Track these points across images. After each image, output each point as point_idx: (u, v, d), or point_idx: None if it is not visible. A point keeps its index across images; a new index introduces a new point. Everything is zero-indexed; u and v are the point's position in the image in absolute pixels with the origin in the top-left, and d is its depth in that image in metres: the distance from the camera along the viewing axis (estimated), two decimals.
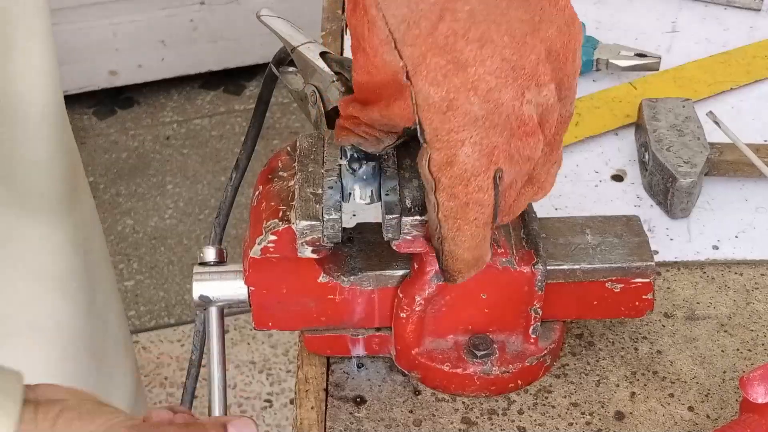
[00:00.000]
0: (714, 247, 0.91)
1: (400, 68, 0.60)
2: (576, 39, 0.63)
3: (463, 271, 0.67)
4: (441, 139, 0.61)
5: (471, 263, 0.67)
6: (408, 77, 0.60)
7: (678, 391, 0.79)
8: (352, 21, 0.62)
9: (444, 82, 0.59)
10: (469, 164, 0.61)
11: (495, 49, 0.59)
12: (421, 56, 0.59)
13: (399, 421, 0.78)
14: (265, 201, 0.74)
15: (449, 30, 0.58)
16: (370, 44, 0.60)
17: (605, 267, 0.77)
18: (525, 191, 0.68)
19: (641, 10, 1.18)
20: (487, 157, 0.61)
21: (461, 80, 0.59)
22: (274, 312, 0.76)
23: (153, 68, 2.62)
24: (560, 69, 0.63)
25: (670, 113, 0.97)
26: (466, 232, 0.64)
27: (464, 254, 0.66)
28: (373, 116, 0.64)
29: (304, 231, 0.70)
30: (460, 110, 0.60)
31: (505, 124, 0.60)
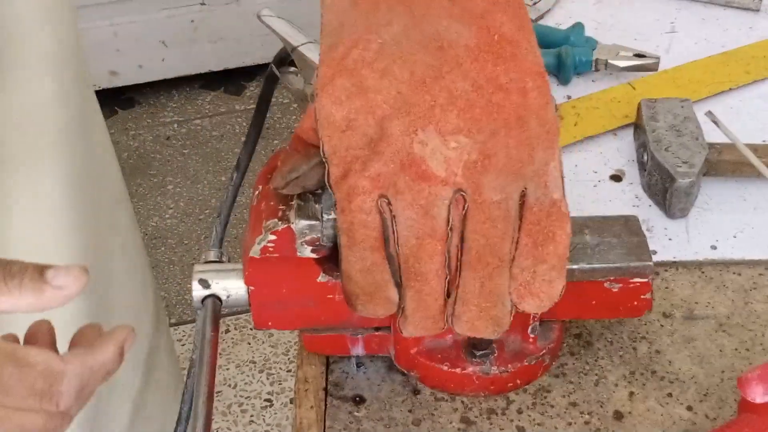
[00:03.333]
0: (712, 247, 0.91)
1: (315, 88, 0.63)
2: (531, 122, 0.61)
3: (360, 297, 0.66)
4: (338, 155, 0.62)
5: (366, 290, 0.66)
6: (315, 96, 0.62)
7: (676, 391, 0.80)
8: None
9: (346, 102, 0.61)
10: (353, 181, 0.62)
11: (392, 82, 0.60)
12: (329, 77, 0.61)
13: (398, 420, 0.78)
14: (264, 201, 0.74)
15: (359, 57, 0.61)
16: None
17: (603, 267, 0.77)
18: (495, 283, 0.65)
19: (640, 11, 1.18)
20: (370, 180, 0.62)
21: (361, 103, 0.61)
22: (274, 311, 0.76)
23: (153, 68, 2.63)
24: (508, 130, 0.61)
25: (669, 113, 0.97)
26: (356, 252, 0.64)
27: (356, 276, 0.65)
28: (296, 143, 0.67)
29: (304, 231, 0.71)
30: (358, 131, 0.61)
31: (394, 156, 0.61)
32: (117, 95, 2.68)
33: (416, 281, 0.64)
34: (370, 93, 0.61)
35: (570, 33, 1.10)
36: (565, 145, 1.01)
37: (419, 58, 0.60)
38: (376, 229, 0.63)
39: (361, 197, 0.62)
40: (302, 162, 0.67)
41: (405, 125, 0.60)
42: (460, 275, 0.64)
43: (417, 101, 0.60)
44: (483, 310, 0.66)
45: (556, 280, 0.66)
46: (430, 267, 0.64)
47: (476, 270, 0.64)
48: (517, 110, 0.61)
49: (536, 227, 0.64)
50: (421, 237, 0.63)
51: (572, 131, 1.02)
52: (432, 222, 0.62)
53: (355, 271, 0.65)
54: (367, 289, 0.66)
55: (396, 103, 0.60)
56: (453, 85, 0.60)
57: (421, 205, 0.62)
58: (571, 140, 1.01)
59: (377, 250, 0.64)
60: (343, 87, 0.61)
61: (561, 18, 1.16)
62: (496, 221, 0.62)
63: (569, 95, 1.07)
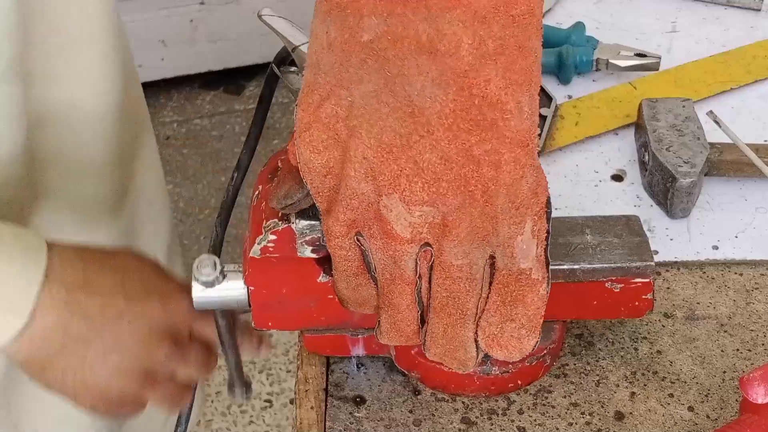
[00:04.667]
0: (714, 247, 0.91)
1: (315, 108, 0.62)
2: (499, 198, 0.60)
3: (350, 305, 0.69)
4: (322, 196, 0.63)
5: (355, 301, 0.68)
6: (295, 139, 0.62)
7: (678, 391, 0.79)
8: None
9: (324, 152, 0.61)
10: (338, 221, 0.63)
11: (359, 146, 0.59)
12: (306, 124, 0.61)
13: (399, 421, 0.78)
14: (264, 201, 0.74)
15: (332, 111, 0.60)
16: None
17: (605, 267, 0.77)
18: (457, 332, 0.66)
19: (641, 10, 1.18)
20: (346, 225, 0.63)
21: (338, 154, 0.61)
22: (274, 312, 0.76)
23: (153, 68, 2.62)
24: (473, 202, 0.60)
25: (670, 113, 0.97)
26: (341, 276, 0.66)
27: (344, 291, 0.68)
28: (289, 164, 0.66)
29: (304, 231, 0.71)
30: (335, 178, 0.62)
31: (366, 208, 0.61)
32: None
33: (390, 308, 0.66)
34: (344, 147, 0.60)
35: (571, 32, 1.10)
36: (566, 145, 1.01)
37: (388, 124, 0.58)
38: (357, 260, 0.65)
39: (340, 237, 0.64)
40: (296, 190, 0.67)
41: (373, 187, 0.60)
42: (428, 316, 0.65)
43: (383, 170, 0.59)
44: (448, 350, 0.67)
45: (526, 338, 0.65)
46: (401, 301, 0.65)
47: (440, 317, 0.65)
48: (485, 184, 0.59)
49: (505, 289, 0.64)
50: (392, 278, 0.64)
51: (573, 131, 1.02)
52: (400, 270, 0.63)
53: (342, 288, 0.67)
54: (353, 302, 0.68)
55: (362, 168, 0.60)
56: (420, 156, 0.58)
57: (390, 255, 0.62)
58: (572, 140, 1.01)
59: (360, 275, 0.66)
60: (320, 138, 0.61)
61: (562, 17, 1.16)
62: (458, 281, 0.63)
63: (570, 95, 1.07)
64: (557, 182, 0.97)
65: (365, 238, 0.63)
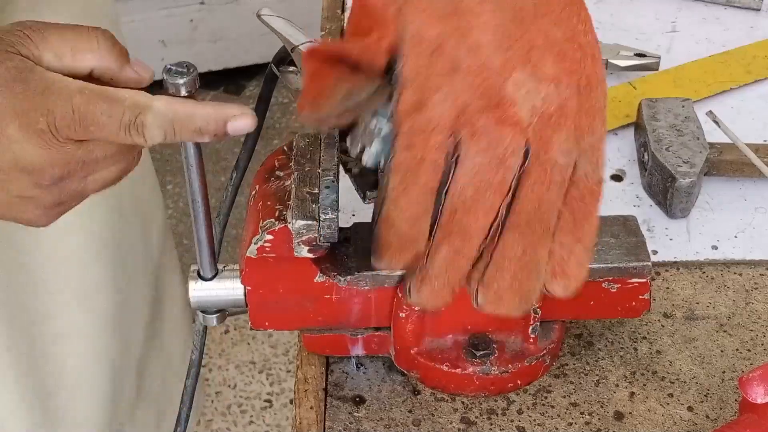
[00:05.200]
0: (713, 247, 0.91)
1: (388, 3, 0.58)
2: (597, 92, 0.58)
3: (392, 248, 0.61)
4: (419, 80, 0.57)
5: (404, 240, 0.60)
6: (400, 10, 0.57)
7: (677, 391, 0.79)
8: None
9: (439, 23, 0.56)
10: (436, 114, 0.57)
11: (495, 10, 0.56)
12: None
13: (398, 420, 0.77)
14: (261, 200, 0.74)
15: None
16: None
17: (602, 267, 0.77)
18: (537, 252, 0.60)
19: (641, 10, 1.17)
20: (456, 114, 0.57)
21: (456, 25, 0.56)
22: (271, 312, 0.76)
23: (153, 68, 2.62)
24: (580, 94, 0.57)
25: (670, 113, 0.97)
26: (412, 195, 0.59)
27: (401, 224, 0.59)
28: (350, 50, 0.59)
29: (301, 230, 0.70)
30: (447, 55, 0.56)
31: (483, 90, 0.56)
32: None
33: (457, 238, 0.59)
34: (468, 15, 0.56)
35: None
36: None
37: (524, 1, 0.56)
38: (440, 171, 0.58)
39: (438, 132, 0.57)
40: (362, 85, 0.59)
41: (503, 58, 0.55)
42: (501, 238, 0.59)
43: (519, 37, 0.55)
44: (516, 280, 0.61)
45: (585, 264, 0.62)
46: (478, 223, 0.59)
47: (523, 234, 0.59)
48: (590, 75, 0.57)
49: (579, 204, 0.60)
50: (482, 189, 0.58)
51: None
52: (502, 173, 0.57)
53: (402, 218, 0.59)
54: (405, 239, 0.60)
55: (497, 34, 0.55)
56: (549, 29, 0.56)
57: (497, 154, 0.57)
58: None
59: (432, 195, 0.59)
60: (439, 5, 0.56)
61: None
62: (552, 186, 0.58)
63: None
64: None
65: (463, 139, 0.57)
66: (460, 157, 0.58)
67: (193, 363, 0.84)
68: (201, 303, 0.74)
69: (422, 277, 0.62)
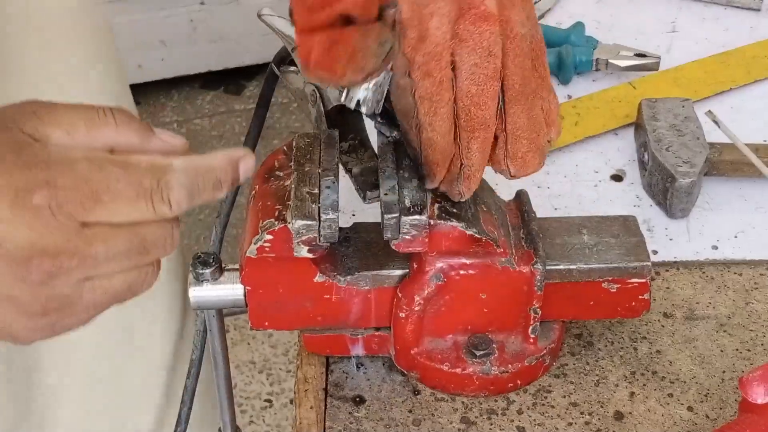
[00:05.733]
0: (713, 247, 0.91)
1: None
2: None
3: (440, 164, 0.69)
4: (415, 17, 0.65)
5: (446, 153, 0.69)
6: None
7: (677, 391, 0.79)
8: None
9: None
10: (439, 37, 0.65)
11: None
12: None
13: (398, 420, 0.77)
14: (261, 200, 0.74)
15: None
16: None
17: (602, 267, 0.77)
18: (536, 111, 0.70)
19: (641, 10, 1.18)
20: (450, 30, 0.66)
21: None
22: (271, 312, 0.76)
23: (153, 68, 2.63)
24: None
25: (670, 113, 0.97)
26: (443, 114, 0.68)
27: (441, 141, 0.68)
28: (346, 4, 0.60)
29: (300, 230, 0.70)
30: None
31: (460, 4, 0.65)
32: None
33: (479, 130, 0.68)
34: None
35: (571, 32, 1.10)
36: (565, 145, 1.01)
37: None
38: (452, 84, 0.67)
39: (445, 52, 0.66)
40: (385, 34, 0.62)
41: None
42: (507, 113, 0.69)
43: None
44: (532, 142, 0.71)
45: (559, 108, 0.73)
46: (489, 111, 0.68)
47: (521, 103, 0.69)
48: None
49: (538, 62, 0.70)
50: (483, 82, 0.67)
51: (573, 131, 1.02)
52: (494, 62, 0.67)
53: (440, 135, 0.68)
54: (446, 152, 0.69)
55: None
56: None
57: (484, 47, 0.66)
58: (571, 140, 1.01)
59: (453, 106, 0.68)
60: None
61: (561, 17, 1.16)
62: (526, 55, 0.68)
63: (570, 95, 1.07)
64: (557, 182, 0.97)
65: (455, 50, 0.66)
66: (456, 65, 0.67)
67: (194, 363, 0.84)
68: (201, 303, 0.74)
69: (467, 174, 0.70)
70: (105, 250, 0.55)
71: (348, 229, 0.79)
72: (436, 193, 0.73)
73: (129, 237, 0.55)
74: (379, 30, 0.61)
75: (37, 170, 0.53)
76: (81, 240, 0.54)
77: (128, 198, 0.54)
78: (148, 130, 0.58)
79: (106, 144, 0.56)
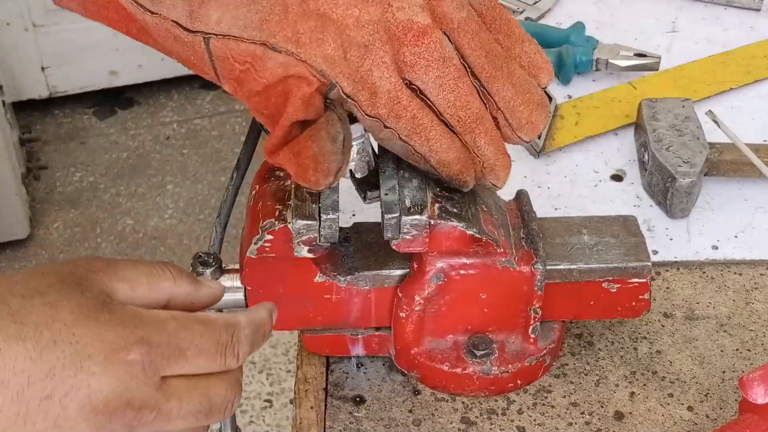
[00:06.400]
0: (713, 247, 0.91)
1: (281, 62, 0.64)
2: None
3: (464, 172, 0.71)
4: (358, 80, 0.65)
5: (464, 161, 0.70)
6: (297, 57, 0.64)
7: (677, 391, 0.79)
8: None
9: (324, 37, 0.64)
10: (389, 84, 0.66)
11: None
12: (293, 33, 0.64)
13: (398, 420, 0.77)
14: (261, 200, 0.74)
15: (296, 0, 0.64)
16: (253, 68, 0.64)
17: (602, 267, 0.77)
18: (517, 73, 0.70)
19: (641, 10, 1.18)
20: (395, 71, 0.66)
21: (335, 27, 0.64)
22: None
23: (153, 68, 2.62)
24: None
25: (670, 113, 0.97)
26: (436, 136, 0.68)
27: (450, 156, 0.69)
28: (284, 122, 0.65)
29: (301, 231, 0.70)
30: (354, 43, 0.65)
31: (388, 34, 0.65)
32: (116, 95, 2.68)
33: (477, 124, 0.69)
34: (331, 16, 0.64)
35: (570, 32, 1.10)
36: (565, 145, 1.01)
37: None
38: (430, 106, 0.68)
39: (402, 92, 0.66)
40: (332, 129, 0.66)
41: (378, 7, 0.65)
42: (491, 93, 0.69)
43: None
44: (528, 102, 0.70)
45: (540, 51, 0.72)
46: (476, 104, 0.68)
47: (499, 77, 0.69)
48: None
49: (497, 22, 0.70)
50: (453, 87, 0.67)
51: (573, 131, 1.02)
52: (452, 62, 0.67)
53: (446, 152, 0.69)
54: (463, 160, 0.70)
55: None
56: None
57: (436, 58, 0.66)
58: (571, 140, 1.01)
59: (441, 123, 0.68)
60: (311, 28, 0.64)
61: (561, 17, 1.16)
62: (477, 32, 0.68)
63: (570, 95, 1.07)
64: (557, 182, 0.97)
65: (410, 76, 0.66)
66: (420, 88, 0.67)
67: None
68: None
69: (490, 166, 0.71)
70: (178, 407, 0.58)
71: (348, 229, 0.79)
72: (437, 193, 0.73)
73: (200, 398, 0.59)
74: (326, 127, 0.66)
75: (132, 328, 0.57)
76: (161, 394, 0.58)
77: (209, 353, 0.59)
78: (197, 280, 0.64)
79: (165, 297, 0.62)
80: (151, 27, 0.65)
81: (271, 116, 0.66)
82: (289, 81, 0.64)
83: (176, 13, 0.64)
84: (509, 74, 0.69)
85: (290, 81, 0.64)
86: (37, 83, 2.52)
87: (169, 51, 0.67)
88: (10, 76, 2.47)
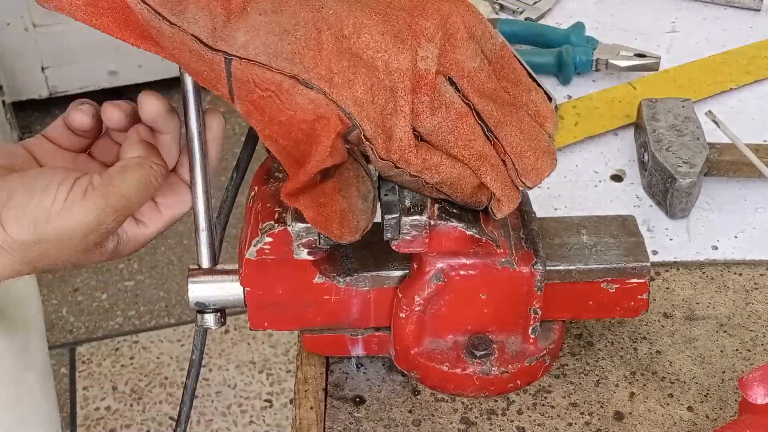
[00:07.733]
0: (713, 247, 0.91)
1: (311, 99, 0.64)
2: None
3: (477, 194, 0.71)
4: (379, 125, 0.66)
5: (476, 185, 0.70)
6: (328, 96, 0.64)
7: (677, 392, 0.79)
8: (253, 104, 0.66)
9: (356, 78, 0.64)
10: (401, 132, 0.66)
11: (371, 26, 0.64)
12: (327, 72, 0.64)
13: (398, 421, 0.77)
14: (260, 202, 0.74)
15: (330, 36, 0.64)
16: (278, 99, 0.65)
17: (600, 267, 0.77)
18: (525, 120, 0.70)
19: (641, 10, 1.18)
20: (410, 120, 0.66)
21: (365, 68, 0.65)
22: (270, 312, 0.76)
23: (153, 68, 2.62)
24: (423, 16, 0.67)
25: (670, 113, 0.97)
26: (447, 170, 0.69)
27: (462, 182, 0.70)
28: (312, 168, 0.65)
29: (300, 233, 0.70)
30: (382, 87, 0.65)
31: (411, 83, 0.65)
32: (117, 95, 2.68)
33: (484, 162, 0.69)
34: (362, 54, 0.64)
35: (570, 33, 1.10)
36: (565, 145, 1.01)
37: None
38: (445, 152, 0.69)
39: (411, 137, 0.66)
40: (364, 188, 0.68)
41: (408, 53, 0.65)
42: (499, 138, 0.69)
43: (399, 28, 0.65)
44: (534, 149, 0.70)
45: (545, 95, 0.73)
46: (479, 142, 0.69)
47: (507, 123, 0.69)
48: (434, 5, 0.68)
49: (505, 72, 0.70)
50: (453, 128, 0.68)
51: (573, 131, 1.02)
52: (452, 107, 0.67)
53: (457, 180, 0.70)
54: (475, 183, 0.71)
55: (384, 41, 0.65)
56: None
57: (442, 106, 0.67)
58: (571, 140, 1.01)
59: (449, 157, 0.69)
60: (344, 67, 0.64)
61: (561, 17, 1.16)
62: (485, 82, 0.68)
63: (570, 95, 1.07)
64: (557, 182, 0.97)
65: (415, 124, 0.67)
66: (424, 136, 0.68)
67: (194, 363, 0.84)
68: (200, 303, 0.74)
69: (496, 200, 0.71)
70: None
71: None
72: None
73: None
74: (356, 184, 0.67)
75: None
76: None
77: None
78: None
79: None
80: (167, 37, 0.64)
81: (286, 149, 0.66)
82: (317, 124, 0.64)
83: (198, 28, 0.63)
84: (517, 120, 0.70)
85: (318, 124, 0.64)
86: (37, 83, 2.52)
87: (181, 61, 0.66)
88: (10, 76, 2.47)
